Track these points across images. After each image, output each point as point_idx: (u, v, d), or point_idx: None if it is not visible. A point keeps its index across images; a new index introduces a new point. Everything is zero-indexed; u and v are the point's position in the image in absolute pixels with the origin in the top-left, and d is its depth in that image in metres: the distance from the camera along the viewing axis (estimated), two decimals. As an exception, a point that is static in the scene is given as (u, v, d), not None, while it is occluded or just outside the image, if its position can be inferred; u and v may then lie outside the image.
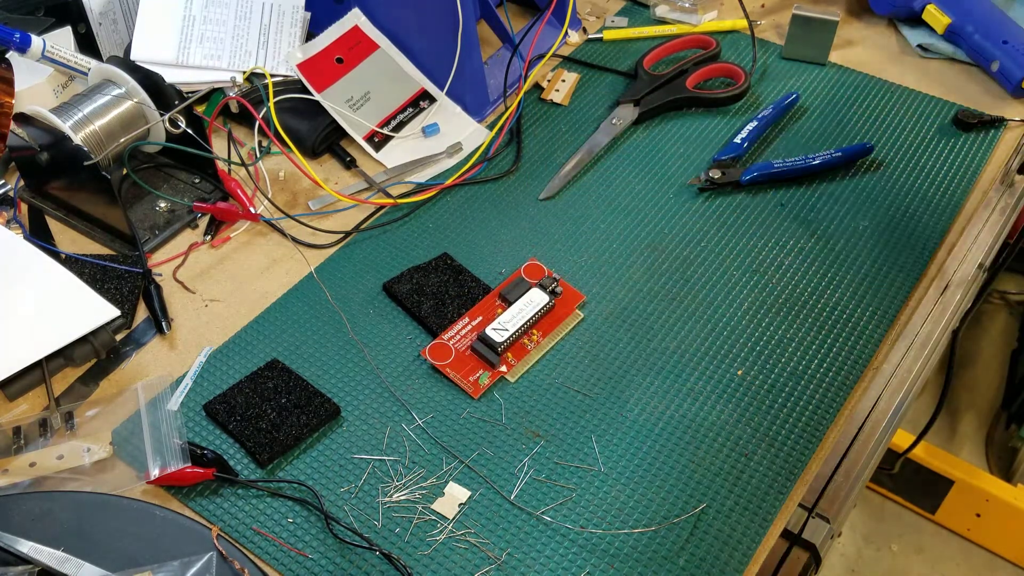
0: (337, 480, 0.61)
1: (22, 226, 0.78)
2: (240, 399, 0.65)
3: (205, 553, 0.54)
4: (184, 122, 0.77)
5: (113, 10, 0.90)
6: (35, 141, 0.74)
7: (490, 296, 0.70)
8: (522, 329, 0.68)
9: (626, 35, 1.01)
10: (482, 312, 0.69)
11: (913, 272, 0.75)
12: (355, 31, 0.89)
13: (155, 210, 0.80)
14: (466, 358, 0.66)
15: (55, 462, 0.61)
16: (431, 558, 0.57)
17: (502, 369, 0.66)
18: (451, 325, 0.67)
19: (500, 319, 0.67)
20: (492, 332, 0.66)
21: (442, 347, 0.66)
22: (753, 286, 0.74)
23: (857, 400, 0.66)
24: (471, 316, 0.68)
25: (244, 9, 0.90)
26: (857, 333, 0.70)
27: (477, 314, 0.68)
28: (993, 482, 1.48)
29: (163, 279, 0.75)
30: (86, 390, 0.66)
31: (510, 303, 0.69)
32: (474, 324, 0.68)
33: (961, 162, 0.85)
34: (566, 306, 0.71)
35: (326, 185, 0.80)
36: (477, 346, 0.67)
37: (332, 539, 0.57)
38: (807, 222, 0.79)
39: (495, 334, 0.66)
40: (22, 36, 0.79)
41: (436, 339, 0.66)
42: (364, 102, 0.87)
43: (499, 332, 0.66)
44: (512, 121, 0.88)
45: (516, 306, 0.68)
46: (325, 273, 0.75)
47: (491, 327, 0.67)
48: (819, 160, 0.83)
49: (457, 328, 0.67)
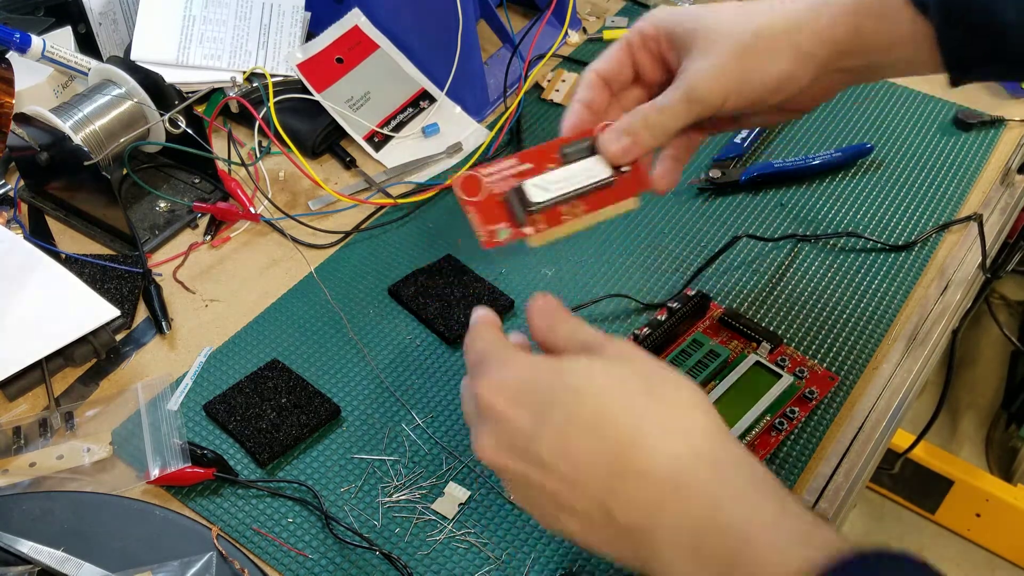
0: (337, 480, 0.61)
1: (22, 226, 0.78)
2: (240, 399, 0.65)
3: (205, 553, 0.54)
4: (184, 122, 0.77)
5: (113, 10, 0.90)
6: (35, 141, 0.74)
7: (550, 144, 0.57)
8: (567, 197, 0.56)
9: (626, 35, 1.01)
10: (533, 159, 0.56)
11: (913, 272, 0.75)
12: (355, 31, 0.89)
13: (155, 210, 0.80)
14: (495, 204, 0.56)
15: (55, 462, 0.61)
16: (431, 558, 0.57)
17: (526, 230, 0.56)
18: (495, 160, 0.55)
19: (547, 176, 0.55)
20: (532, 188, 0.55)
21: (475, 181, 0.55)
22: (753, 286, 0.74)
23: (857, 400, 0.66)
24: (521, 158, 0.56)
25: (244, 9, 0.90)
26: (857, 333, 0.70)
27: (528, 159, 0.56)
28: (993, 482, 1.49)
29: (163, 279, 0.75)
30: (86, 390, 0.66)
31: (566, 161, 0.57)
32: (519, 170, 0.56)
33: (961, 162, 0.85)
34: (627, 188, 0.58)
35: (326, 185, 0.80)
36: (511, 196, 0.55)
37: (332, 539, 0.57)
38: (807, 222, 0.79)
39: (535, 191, 0.55)
40: (22, 36, 0.79)
41: (472, 170, 0.54)
42: (364, 102, 0.87)
43: (540, 191, 0.55)
44: (512, 121, 0.88)
45: (571, 168, 0.56)
46: (325, 273, 0.75)
47: (534, 182, 0.55)
48: (819, 160, 0.83)
49: (500, 166, 0.55)
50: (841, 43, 0.55)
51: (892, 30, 0.54)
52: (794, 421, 0.63)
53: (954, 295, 0.74)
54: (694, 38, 0.55)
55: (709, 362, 0.65)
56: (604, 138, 0.55)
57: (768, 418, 0.62)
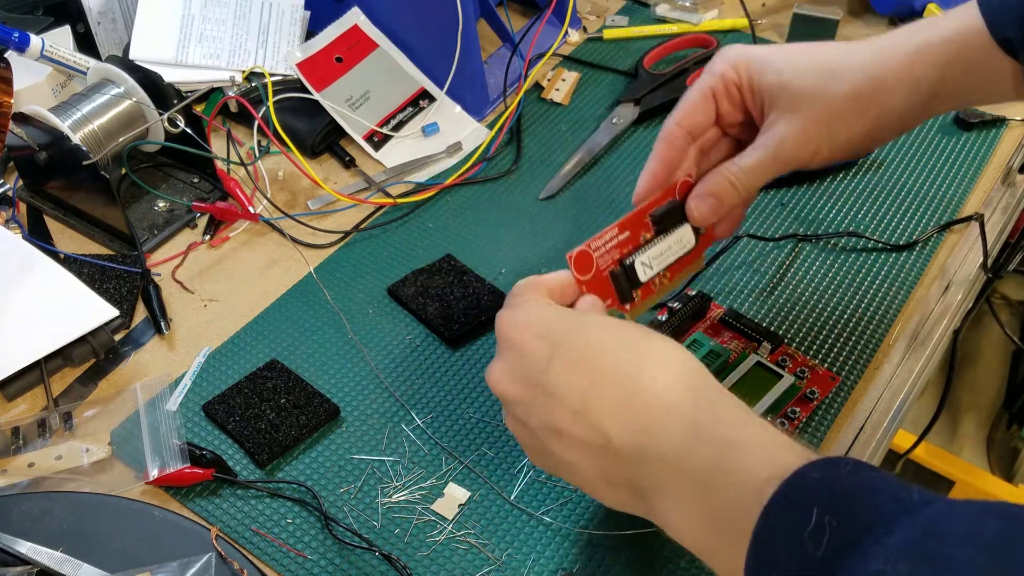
0: (336, 481, 0.61)
1: (21, 226, 0.78)
2: (239, 399, 0.64)
3: (204, 554, 0.54)
4: (183, 121, 0.77)
5: (112, 9, 0.90)
6: (34, 140, 0.74)
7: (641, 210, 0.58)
8: (663, 270, 0.59)
9: (626, 34, 1.01)
10: (631, 227, 0.57)
11: (914, 272, 0.74)
12: (355, 30, 0.88)
13: (154, 210, 0.80)
14: (602, 280, 0.56)
15: (54, 462, 0.61)
16: (431, 559, 0.57)
17: (626, 307, 0.57)
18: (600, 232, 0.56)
19: (650, 252, 0.57)
20: (641, 267, 0.57)
21: (587, 258, 0.55)
22: (753, 286, 0.74)
23: (858, 400, 0.66)
24: (620, 228, 0.56)
25: (243, 8, 0.90)
26: (858, 333, 0.70)
27: (626, 228, 0.57)
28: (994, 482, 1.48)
29: (162, 279, 0.74)
30: (85, 390, 0.66)
31: (660, 230, 0.58)
32: (620, 239, 0.56)
33: (962, 162, 0.84)
34: (699, 248, 0.61)
35: (325, 185, 0.79)
36: (619, 275, 0.56)
37: (331, 540, 0.57)
38: (808, 222, 0.79)
39: (643, 271, 0.57)
40: (21, 35, 0.79)
41: (584, 245, 0.55)
42: (364, 101, 0.86)
43: (646, 268, 0.57)
44: (512, 121, 0.88)
45: (668, 240, 0.58)
46: (324, 273, 0.75)
47: (641, 259, 0.57)
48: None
49: (606, 239, 0.56)
50: (928, 96, 0.56)
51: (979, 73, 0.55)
52: (795, 421, 0.63)
53: (955, 295, 0.74)
54: (779, 94, 0.56)
55: (710, 362, 0.65)
56: (691, 204, 0.58)
57: (769, 418, 0.62)
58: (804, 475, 0.39)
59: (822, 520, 0.37)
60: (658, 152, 0.58)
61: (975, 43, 0.54)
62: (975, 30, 0.54)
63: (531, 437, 0.50)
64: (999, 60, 0.54)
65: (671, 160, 0.58)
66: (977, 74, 0.55)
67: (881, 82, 0.55)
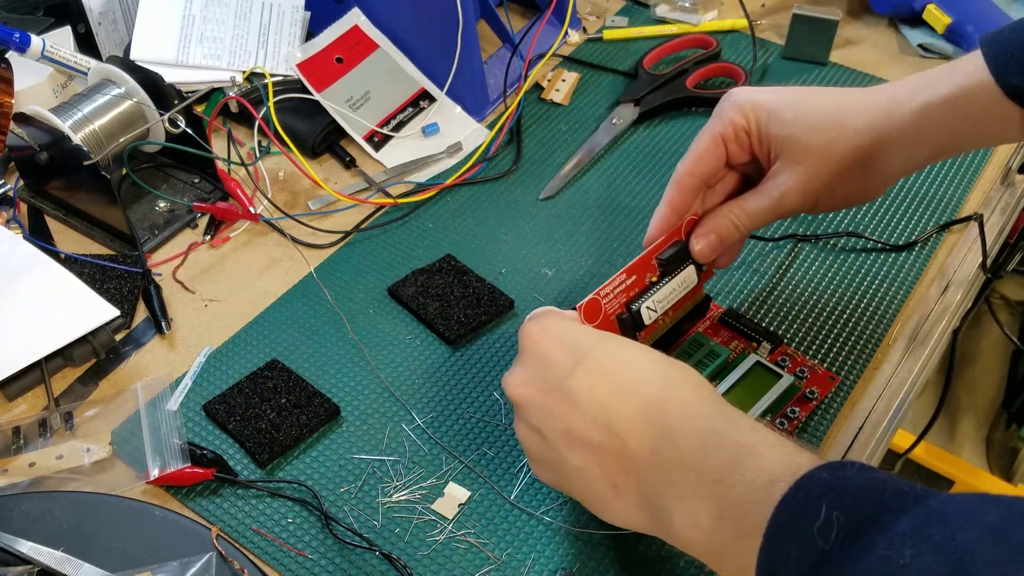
0: (337, 480, 0.61)
1: (21, 226, 0.78)
2: (240, 399, 0.65)
3: (205, 553, 0.54)
4: (184, 122, 0.77)
5: (113, 10, 0.90)
6: (35, 141, 0.74)
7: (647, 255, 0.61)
8: (667, 310, 0.62)
9: (626, 35, 1.01)
10: (637, 271, 0.60)
11: (913, 272, 0.75)
12: (355, 31, 0.89)
13: (155, 210, 0.80)
14: (609, 324, 0.59)
15: (54, 462, 0.61)
16: (431, 559, 0.57)
17: None
18: (610, 280, 0.58)
19: (655, 296, 0.60)
20: (646, 311, 0.60)
21: (597, 306, 0.58)
22: (753, 286, 0.74)
23: (857, 400, 0.66)
24: (627, 273, 0.59)
25: (244, 9, 0.90)
26: (858, 333, 0.70)
27: (634, 272, 0.59)
28: (993, 482, 1.48)
29: (163, 279, 0.74)
30: (85, 390, 0.66)
31: (666, 273, 0.61)
32: (628, 283, 0.59)
33: (961, 161, 0.84)
34: (700, 282, 0.64)
35: (326, 185, 0.79)
36: (626, 319, 0.59)
37: (332, 539, 0.57)
38: (807, 222, 0.79)
39: (648, 314, 0.60)
40: (22, 36, 0.79)
41: (594, 294, 0.57)
42: (364, 102, 0.86)
43: (650, 312, 0.60)
44: (512, 121, 0.88)
45: (672, 284, 0.61)
46: (325, 273, 0.75)
47: (647, 303, 0.60)
48: (819, 160, 0.83)
49: (613, 285, 0.58)
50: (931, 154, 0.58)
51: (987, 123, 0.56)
52: (794, 421, 0.63)
53: (955, 295, 0.74)
54: (786, 146, 0.58)
55: (709, 362, 0.65)
56: (694, 242, 0.61)
57: (768, 418, 0.62)
58: (814, 476, 0.41)
59: (830, 516, 0.38)
60: (670, 198, 0.61)
61: (982, 95, 0.55)
62: (982, 81, 0.55)
63: (541, 443, 0.51)
64: (1006, 108, 0.55)
65: (682, 206, 0.61)
66: (984, 124, 0.56)
67: (886, 144, 0.57)
